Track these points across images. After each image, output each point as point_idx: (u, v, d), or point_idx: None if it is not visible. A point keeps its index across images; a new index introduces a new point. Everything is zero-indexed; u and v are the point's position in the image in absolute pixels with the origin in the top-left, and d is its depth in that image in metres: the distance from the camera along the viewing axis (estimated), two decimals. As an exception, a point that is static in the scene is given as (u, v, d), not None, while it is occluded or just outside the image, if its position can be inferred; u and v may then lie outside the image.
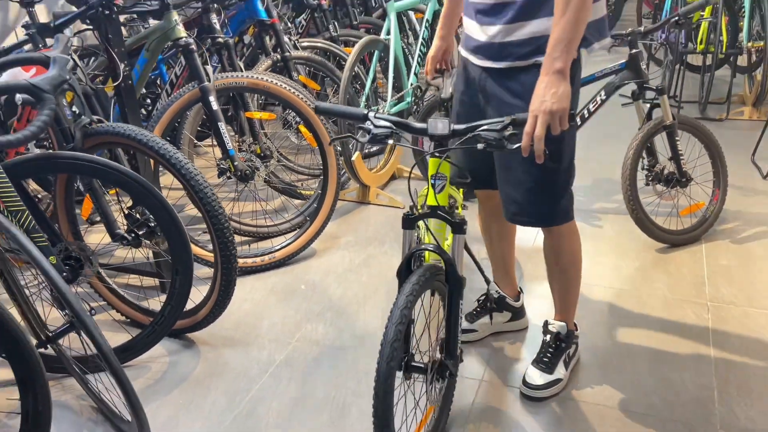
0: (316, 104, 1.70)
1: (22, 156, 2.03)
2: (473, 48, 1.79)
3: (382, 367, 1.43)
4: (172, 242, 2.11)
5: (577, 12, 1.50)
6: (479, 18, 1.74)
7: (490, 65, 1.75)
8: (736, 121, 4.21)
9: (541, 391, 1.98)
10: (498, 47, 1.71)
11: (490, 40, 1.72)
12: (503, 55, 1.71)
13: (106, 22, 2.20)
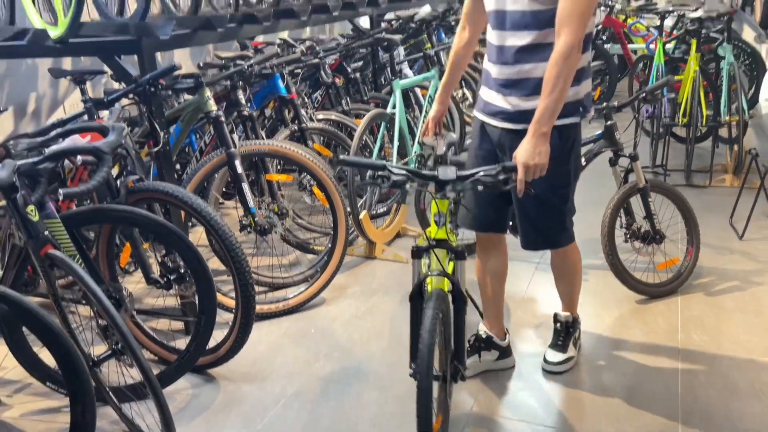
0: (342, 157, 2.14)
1: (76, 209, 2.39)
2: (493, 113, 2.24)
3: (423, 384, 1.75)
4: (200, 285, 2.43)
5: (561, 93, 1.97)
6: (501, 90, 2.19)
7: (509, 127, 2.19)
8: (718, 187, 4.52)
9: (560, 365, 2.53)
10: (517, 114, 2.16)
11: (510, 108, 2.17)
12: (520, 119, 2.14)
13: (151, 98, 2.59)
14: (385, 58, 4.76)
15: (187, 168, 3.64)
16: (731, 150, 4.74)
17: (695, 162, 4.71)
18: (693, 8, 5.43)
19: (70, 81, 3.39)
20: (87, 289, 1.85)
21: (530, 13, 2.05)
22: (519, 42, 2.10)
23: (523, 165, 1.94)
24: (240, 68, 3.20)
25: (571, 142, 2.20)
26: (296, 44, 4.91)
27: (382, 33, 4.75)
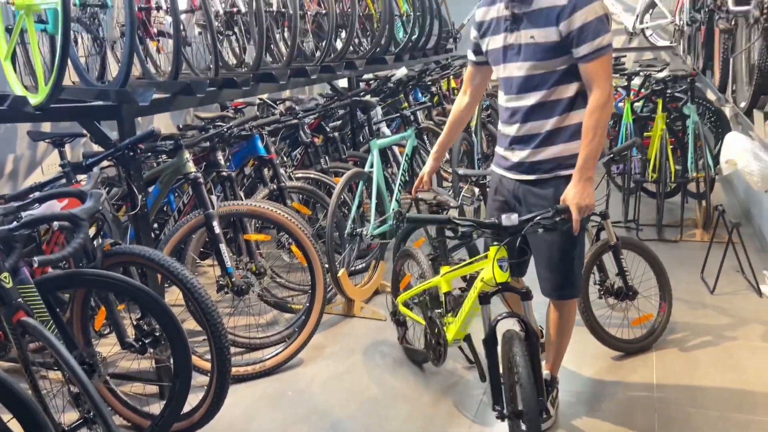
0: (409, 215, 2.36)
1: (50, 273, 2.38)
2: (508, 167, 2.45)
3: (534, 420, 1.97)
4: (175, 349, 2.41)
5: (600, 139, 2.21)
6: (514, 147, 2.40)
7: (523, 178, 2.40)
8: (689, 242, 4.62)
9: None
10: (528, 165, 2.37)
11: (522, 160, 2.38)
12: (532, 170, 2.37)
13: (130, 162, 2.63)
14: (363, 117, 4.88)
15: (165, 227, 3.65)
16: (700, 205, 4.87)
17: (666, 216, 4.82)
18: (658, 69, 5.66)
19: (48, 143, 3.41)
20: (59, 357, 1.83)
21: (537, 76, 2.28)
22: (528, 102, 2.33)
23: (576, 206, 2.17)
24: (220, 131, 3.26)
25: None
26: (275, 105, 5.03)
27: (360, 94, 4.87)
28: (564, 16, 2.16)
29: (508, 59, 2.34)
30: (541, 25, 2.22)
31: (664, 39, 8.05)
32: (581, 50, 2.18)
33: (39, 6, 2.38)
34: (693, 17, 4.87)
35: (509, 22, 2.31)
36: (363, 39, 5.42)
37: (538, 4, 2.23)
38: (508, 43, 2.33)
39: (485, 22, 2.43)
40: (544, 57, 2.24)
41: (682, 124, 5.02)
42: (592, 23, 2.14)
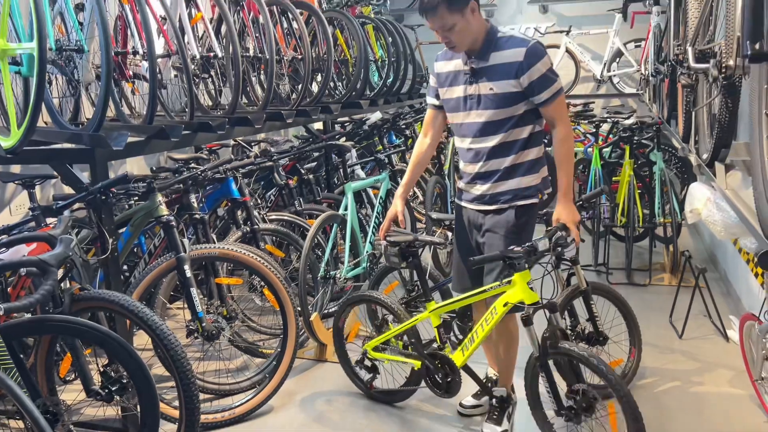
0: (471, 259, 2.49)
1: (16, 319, 2.32)
2: (470, 199, 2.77)
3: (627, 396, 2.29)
4: (143, 397, 2.35)
5: (572, 166, 2.67)
6: (476, 182, 2.73)
7: (484, 208, 2.72)
8: (657, 286, 4.70)
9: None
10: (489, 197, 2.70)
11: (484, 193, 2.71)
12: (493, 201, 2.70)
13: (101, 206, 2.61)
14: (337, 160, 4.92)
15: (135, 269, 3.61)
16: (668, 250, 4.98)
17: (635, 260, 4.91)
18: (626, 115, 5.83)
19: (18, 184, 3.37)
20: (21, 407, 1.78)
21: (497, 122, 2.61)
22: (489, 144, 2.65)
23: (573, 222, 2.60)
24: (194, 174, 3.26)
25: (527, 218, 2.72)
26: (250, 147, 5.05)
27: (335, 137, 4.93)
28: (523, 71, 2.51)
29: (468, 107, 2.66)
30: (501, 78, 2.56)
31: (631, 86, 8.32)
32: (542, 96, 2.56)
33: (14, 50, 2.38)
34: (657, 69, 5.05)
35: (468, 75, 2.63)
36: (338, 83, 5.50)
37: (494, 60, 2.56)
38: (468, 93, 2.65)
39: (443, 73, 2.76)
40: (503, 105, 2.58)
41: (649, 170, 5.16)
42: (547, 73, 2.53)
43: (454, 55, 2.69)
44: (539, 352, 2.44)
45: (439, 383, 2.88)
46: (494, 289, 2.60)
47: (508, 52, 2.54)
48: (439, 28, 2.52)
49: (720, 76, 2.07)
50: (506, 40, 2.57)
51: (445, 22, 2.49)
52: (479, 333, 2.66)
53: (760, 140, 1.70)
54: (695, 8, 2.91)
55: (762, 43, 1.48)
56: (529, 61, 2.50)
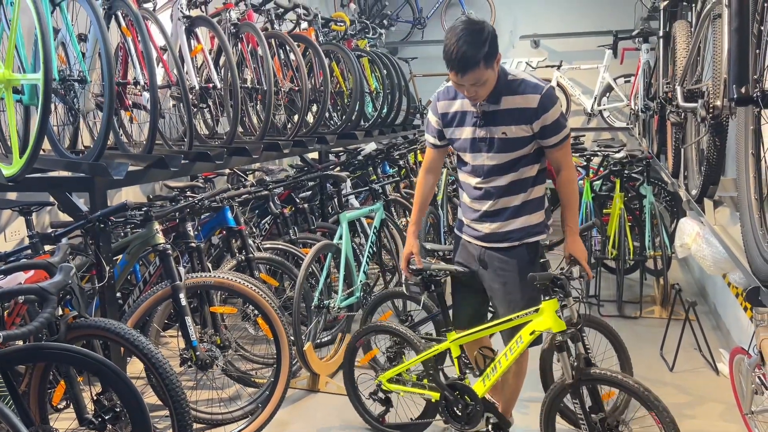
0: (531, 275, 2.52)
1: (12, 347, 2.32)
2: (479, 237, 2.77)
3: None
4: (137, 426, 2.34)
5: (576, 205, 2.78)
6: (485, 219, 2.73)
7: (494, 246, 2.73)
8: (648, 318, 4.74)
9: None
10: (501, 234, 2.71)
11: (494, 231, 2.72)
12: (504, 238, 2.71)
13: (100, 233, 2.63)
14: (332, 189, 4.96)
15: (129, 297, 3.61)
16: (658, 282, 5.03)
17: (626, 293, 4.95)
18: (616, 149, 5.94)
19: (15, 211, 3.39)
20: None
21: (508, 163, 2.64)
22: (499, 183, 2.67)
23: (584, 258, 2.69)
24: (191, 203, 3.29)
25: (536, 254, 2.77)
26: (245, 175, 5.09)
27: (330, 167, 4.98)
28: (537, 117, 2.55)
29: (477, 149, 2.67)
30: (513, 123, 2.57)
31: (621, 120, 8.47)
32: (551, 141, 2.61)
33: (18, 80, 2.43)
34: (647, 105, 5.17)
35: (478, 118, 2.63)
36: (333, 114, 5.58)
37: (506, 104, 2.57)
38: (479, 136, 2.65)
39: (449, 114, 2.73)
40: (514, 148, 2.61)
41: (639, 203, 5.24)
42: (558, 120, 2.59)
43: (457, 94, 2.67)
44: (573, 380, 2.51)
45: (458, 415, 2.86)
46: (520, 318, 2.65)
47: (521, 98, 2.55)
48: (472, 83, 2.47)
49: (708, 116, 2.14)
50: (518, 83, 2.57)
51: (480, 77, 2.45)
52: (503, 362, 2.70)
53: (746, 180, 1.75)
54: (683, 49, 3.01)
55: (747, 87, 1.55)
56: (543, 107, 2.53)
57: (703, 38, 2.61)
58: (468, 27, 2.44)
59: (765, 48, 1.58)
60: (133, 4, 2.83)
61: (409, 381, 3.06)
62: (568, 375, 2.54)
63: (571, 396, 2.57)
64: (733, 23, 1.59)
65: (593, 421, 2.53)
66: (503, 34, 9.35)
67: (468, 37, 2.40)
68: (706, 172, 2.51)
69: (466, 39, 2.40)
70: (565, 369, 2.55)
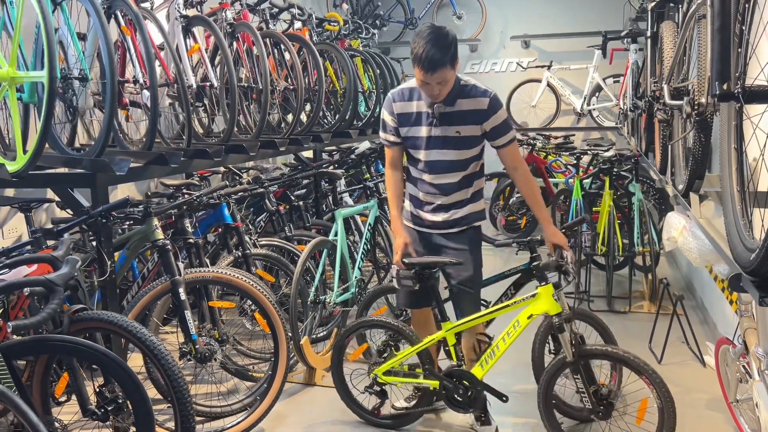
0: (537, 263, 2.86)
1: (17, 339, 2.37)
2: (429, 225, 3.06)
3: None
4: (139, 417, 2.40)
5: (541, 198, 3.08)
6: (438, 211, 3.02)
7: (446, 231, 3.03)
8: (637, 313, 4.83)
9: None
10: (452, 221, 3.02)
11: (445, 219, 3.02)
12: (454, 225, 3.03)
13: (102, 228, 2.68)
14: (327, 187, 5.03)
15: (127, 294, 3.65)
16: (647, 278, 5.12)
17: (615, 288, 5.04)
18: (605, 148, 6.04)
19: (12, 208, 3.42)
20: (28, 424, 1.83)
21: (459, 161, 2.95)
22: (452, 180, 2.98)
23: (564, 243, 2.93)
24: (190, 199, 3.34)
25: (480, 237, 3.13)
26: (240, 173, 5.14)
27: (324, 166, 5.05)
28: (487, 117, 2.87)
29: (431, 147, 2.94)
30: (467, 123, 2.88)
31: (610, 120, 8.58)
32: (501, 141, 2.94)
33: (23, 78, 2.47)
34: (635, 104, 5.26)
35: (434, 118, 2.89)
36: (327, 113, 5.64)
37: (461, 106, 2.87)
38: (433, 134, 2.92)
39: (404, 114, 2.98)
40: (466, 146, 2.93)
41: (628, 201, 5.34)
42: (506, 121, 2.93)
43: (412, 95, 2.95)
44: (573, 356, 2.72)
45: (459, 401, 2.99)
46: (517, 304, 2.86)
47: (473, 100, 2.87)
48: (438, 81, 2.74)
49: (693, 113, 2.22)
50: (470, 88, 2.88)
51: (445, 76, 2.73)
52: (501, 346, 2.90)
53: (729, 173, 1.83)
54: (670, 48, 3.10)
55: (729, 84, 1.63)
56: (492, 109, 2.87)
57: (689, 38, 2.69)
58: (435, 31, 2.73)
59: (746, 47, 1.65)
60: (132, 4, 2.88)
61: (402, 372, 3.13)
62: (569, 353, 2.72)
63: (572, 372, 2.75)
64: (716, 23, 1.67)
65: (590, 392, 2.76)
66: (494, 35, 9.46)
67: (436, 41, 2.68)
68: (692, 168, 2.59)
69: (434, 42, 2.68)
70: (566, 347, 2.74)
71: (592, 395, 2.79)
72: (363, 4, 8.93)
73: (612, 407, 2.82)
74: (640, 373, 2.70)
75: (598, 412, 2.81)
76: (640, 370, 2.69)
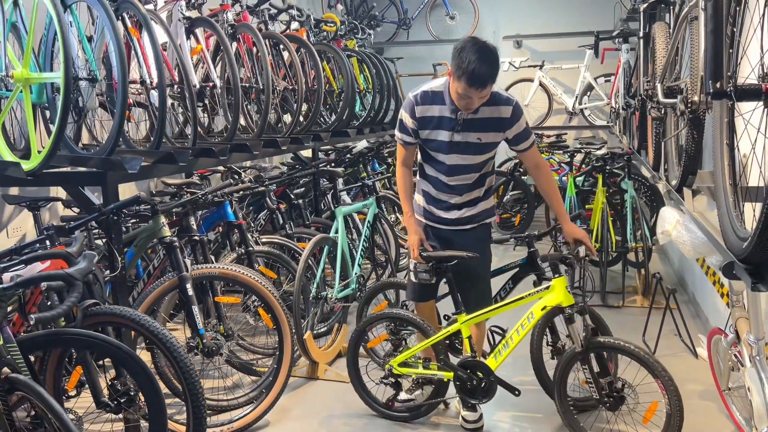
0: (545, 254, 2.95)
1: (33, 333, 2.43)
2: (444, 221, 3.18)
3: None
4: (152, 409, 2.46)
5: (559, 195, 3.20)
6: (452, 209, 3.15)
7: (458, 228, 3.17)
8: (630, 308, 4.94)
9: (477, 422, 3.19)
10: (466, 218, 3.17)
11: (459, 216, 3.15)
12: (468, 221, 3.17)
13: (112, 226, 2.74)
14: (326, 185, 5.10)
15: (133, 291, 3.71)
16: (639, 273, 5.23)
17: (609, 284, 5.15)
18: (598, 146, 6.14)
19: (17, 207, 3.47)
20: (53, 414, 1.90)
21: (477, 164, 3.09)
22: (468, 181, 3.12)
23: (585, 236, 3.03)
24: (194, 197, 3.41)
25: (490, 231, 3.31)
26: (240, 171, 5.20)
27: (324, 165, 5.12)
28: (511, 125, 2.99)
29: (452, 151, 3.03)
30: (489, 130, 2.99)
31: (602, 119, 8.70)
32: (524, 145, 3.07)
33: (37, 79, 2.53)
34: (627, 102, 5.37)
35: (458, 123, 2.96)
36: (324, 112, 5.71)
37: (483, 114, 2.95)
38: (455, 140, 3.01)
39: (426, 117, 3.03)
40: (485, 151, 3.06)
41: (620, 198, 5.44)
42: (527, 127, 3.06)
43: (435, 99, 2.99)
44: (583, 348, 2.82)
45: (473, 392, 3.07)
46: (531, 296, 2.96)
47: (496, 108, 2.95)
48: (481, 96, 2.83)
49: (686, 111, 2.32)
50: (493, 95, 2.93)
51: (489, 92, 2.85)
52: (514, 338, 3.00)
53: (722, 167, 1.93)
54: (662, 48, 3.20)
55: (722, 82, 1.72)
56: (516, 117, 2.98)
57: (681, 39, 2.79)
58: (485, 46, 2.76)
59: (737, 47, 1.75)
60: (140, 6, 2.94)
61: (415, 364, 3.21)
62: (578, 344, 2.82)
63: (581, 363, 2.84)
64: (709, 25, 1.77)
65: (602, 384, 2.83)
66: (486, 35, 9.53)
67: (485, 57, 2.72)
68: (685, 163, 2.69)
69: (486, 58, 2.71)
70: (575, 338, 2.84)
71: (606, 386, 2.87)
72: (357, 4, 9.01)
73: (622, 401, 2.88)
74: (656, 377, 2.75)
75: (607, 402, 2.89)
76: (657, 374, 2.75)
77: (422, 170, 3.21)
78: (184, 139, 3.99)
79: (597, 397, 2.91)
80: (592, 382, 2.88)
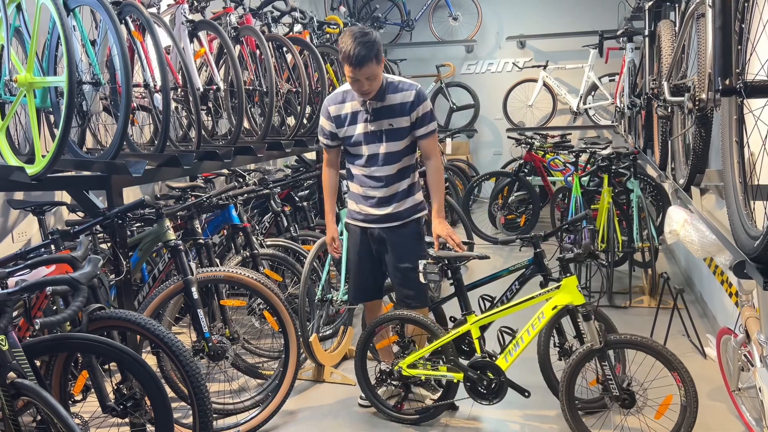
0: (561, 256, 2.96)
1: (38, 337, 2.42)
2: (374, 220, 3.25)
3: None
4: (158, 413, 2.45)
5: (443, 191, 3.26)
6: (380, 204, 3.22)
7: (388, 226, 3.24)
8: (637, 308, 4.91)
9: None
10: (394, 215, 3.23)
11: (389, 213, 3.22)
12: (397, 218, 3.24)
13: (118, 229, 2.73)
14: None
15: (138, 294, 3.70)
16: (646, 273, 5.20)
17: (615, 284, 5.12)
18: (603, 146, 6.12)
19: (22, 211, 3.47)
20: (59, 419, 1.89)
21: (396, 152, 3.17)
22: (390, 171, 3.20)
23: (449, 235, 3.15)
24: (199, 200, 3.40)
25: (422, 227, 3.34)
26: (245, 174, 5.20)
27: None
28: (413, 108, 3.11)
29: (369, 141, 3.17)
30: (396, 116, 3.12)
31: (606, 118, 8.68)
32: (422, 130, 3.17)
33: (40, 84, 2.53)
34: (633, 102, 5.34)
35: (369, 114, 3.12)
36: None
37: (390, 101, 3.12)
38: (369, 129, 3.15)
39: (340, 115, 3.21)
40: (398, 138, 3.15)
41: (626, 198, 5.41)
42: (428, 113, 3.16)
43: (345, 97, 3.20)
44: (600, 343, 2.82)
45: (483, 392, 3.06)
46: (541, 296, 2.95)
47: (401, 94, 3.12)
48: (366, 76, 2.98)
49: (694, 108, 2.30)
50: (397, 83, 3.15)
51: (372, 71, 2.98)
52: (525, 338, 3.00)
53: (731, 165, 1.91)
54: (668, 46, 3.17)
55: (731, 79, 1.70)
56: (418, 100, 3.12)
57: (688, 36, 2.77)
58: (360, 31, 2.99)
59: (746, 44, 1.73)
60: (144, 10, 2.94)
61: (423, 365, 3.19)
62: (596, 340, 2.81)
63: (599, 359, 2.83)
64: (717, 21, 1.75)
65: (620, 380, 2.89)
66: (490, 36, 9.55)
67: (360, 39, 2.93)
68: (692, 162, 2.66)
69: (360, 41, 2.93)
70: (592, 335, 2.83)
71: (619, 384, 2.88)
72: (360, 6, 9.01)
73: (634, 398, 2.88)
74: (672, 369, 2.75)
75: (622, 400, 2.89)
76: (674, 366, 2.74)
77: (349, 173, 3.33)
78: (188, 142, 4.00)
79: (613, 395, 2.88)
80: (611, 379, 2.86)
